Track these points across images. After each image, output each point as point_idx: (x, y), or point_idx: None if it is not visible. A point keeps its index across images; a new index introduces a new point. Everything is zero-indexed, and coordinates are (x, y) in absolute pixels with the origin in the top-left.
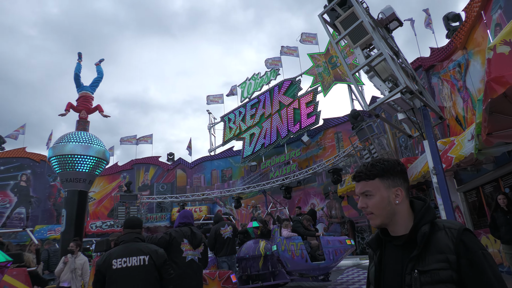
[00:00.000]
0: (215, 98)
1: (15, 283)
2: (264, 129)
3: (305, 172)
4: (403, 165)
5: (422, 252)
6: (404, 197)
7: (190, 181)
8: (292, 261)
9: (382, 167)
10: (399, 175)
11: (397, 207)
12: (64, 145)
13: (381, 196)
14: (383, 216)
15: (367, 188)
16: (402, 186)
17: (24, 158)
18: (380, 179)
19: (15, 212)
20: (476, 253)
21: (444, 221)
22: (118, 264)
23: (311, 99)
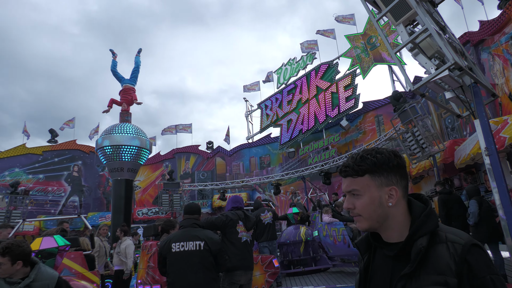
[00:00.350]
0: (252, 86)
1: (73, 265)
2: (302, 115)
3: (345, 157)
4: (400, 158)
5: (417, 269)
6: (399, 198)
7: (230, 168)
8: (334, 246)
9: (373, 161)
10: (394, 171)
11: (390, 210)
12: (109, 137)
13: (370, 197)
14: (373, 219)
15: (354, 187)
16: (398, 185)
17: (75, 150)
18: (370, 176)
19: (70, 201)
20: (484, 279)
21: (448, 231)
22: (176, 248)
23: (349, 82)
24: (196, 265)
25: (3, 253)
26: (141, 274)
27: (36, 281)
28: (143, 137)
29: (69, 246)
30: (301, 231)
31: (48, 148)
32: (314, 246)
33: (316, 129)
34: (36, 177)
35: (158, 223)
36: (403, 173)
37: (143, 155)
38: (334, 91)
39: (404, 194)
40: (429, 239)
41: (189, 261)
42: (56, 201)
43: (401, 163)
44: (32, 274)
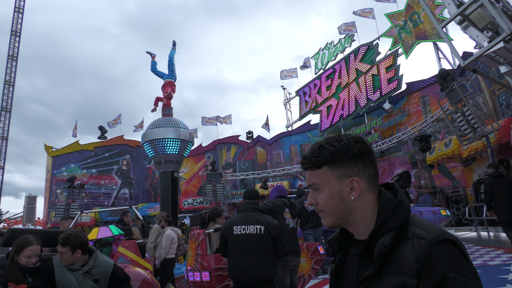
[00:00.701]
0: (289, 72)
1: (127, 253)
2: (342, 100)
3: (389, 142)
4: (363, 144)
5: (379, 270)
6: (364, 190)
7: (270, 157)
8: None
9: (330, 150)
10: (355, 160)
11: (354, 204)
12: (153, 131)
13: (330, 190)
14: (335, 215)
15: (314, 180)
16: (361, 175)
17: (123, 145)
18: (328, 168)
19: (121, 193)
20: (445, 277)
21: (420, 225)
22: (238, 230)
23: (391, 63)
24: (256, 248)
25: (63, 243)
26: (190, 261)
27: (95, 268)
28: (186, 130)
29: (123, 235)
30: None
31: (98, 144)
32: None
33: (357, 114)
34: (90, 172)
35: (205, 212)
36: (367, 161)
37: (187, 147)
38: (375, 73)
39: (370, 185)
40: (396, 236)
41: (250, 244)
42: (108, 194)
43: (363, 149)
44: (90, 261)
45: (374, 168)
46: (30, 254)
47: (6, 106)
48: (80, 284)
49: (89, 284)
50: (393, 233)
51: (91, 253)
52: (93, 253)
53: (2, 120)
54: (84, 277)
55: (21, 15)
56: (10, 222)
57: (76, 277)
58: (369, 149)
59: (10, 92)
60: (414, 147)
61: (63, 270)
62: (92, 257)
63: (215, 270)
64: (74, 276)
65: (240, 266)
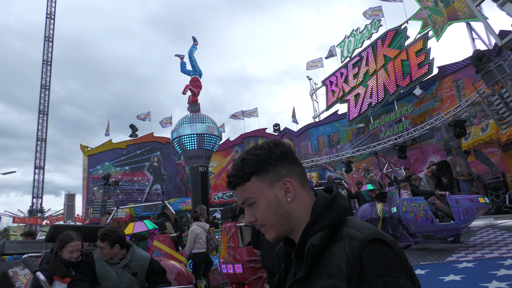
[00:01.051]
0: (314, 62)
1: (162, 247)
2: (370, 88)
3: (421, 129)
4: (283, 145)
5: (310, 273)
6: (298, 189)
7: (298, 149)
8: (416, 222)
9: (254, 159)
10: (281, 161)
11: (291, 206)
12: (182, 127)
13: (266, 199)
14: (276, 224)
15: (246, 195)
16: (291, 175)
17: (154, 142)
18: (257, 177)
19: (153, 189)
20: (373, 282)
21: (354, 225)
22: None
23: (421, 47)
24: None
25: (103, 239)
26: (223, 254)
27: (132, 261)
28: (213, 125)
29: (157, 230)
30: (378, 208)
31: (130, 142)
32: (393, 223)
33: (386, 101)
34: (123, 169)
35: (235, 205)
36: (292, 160)
37: (215, 142)
38: (404, 58)
39: (302, 183)
40: (329, 236)
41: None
42: (141, 190)
43: (285, 150)
44: (128, 255)
45: (300, 167)
46: (72, 250)
47: (44, 109)
48: (119, 277)
49: (128, 277)
50: (323, 232)
51: (129, 247)
52: (130, 247)
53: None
54: (123, 270)
55: (52, 21)
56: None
57: (116, 270)
58: (291, 149)
59: (46, 96)
60: (448, 133)
61: (103, 264)
62: (130, 251)
63: (247, 262)
64: (113, 269)
65: (272, 258)
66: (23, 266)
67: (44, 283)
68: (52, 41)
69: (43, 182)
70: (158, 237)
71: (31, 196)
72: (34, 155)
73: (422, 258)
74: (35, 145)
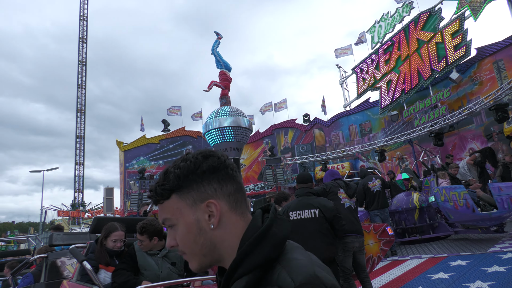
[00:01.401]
0: (343, 50)
1: None
2: (403, 73)
3: (459, 114)
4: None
5: None
6: (226, 212)
7: (329, 139)
8: (456, 212)
9: (176, 173)
10: (207, 178)
11: (216, 233)
12: (214, 120)
13: (185, 223)
14: (198, 254)
15: (165, 215)
16: (218, 195)
17: (185, 136)
18: (178, 195)
19: None
20: None
21: (288, 266)
22: (294, 216)
23: (457, 28)
24: (313, 232)
25: (141, 232)
26: None
27: (171, 252)
28: (244, 118)
29: None
30: (414, 198)
31: (163, 136)
32: (430, 212)
33: (420, 87)
34: (157, 163)
35: (269, 195)
36: (224, 176)
37: (246, 134)
38: (439, 41)
39: (232, 205)
40: (256, 281)
41: (306, 228)
42: None
43: (215, 164)
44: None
45: (235, 184)
46: (116, 239)
47: (81, 108)
48: (159, 266)
49: (168, 267)
50: (249, 277)
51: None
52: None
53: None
54: (162, 260)
55: (85, 22)
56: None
57: (156, 260)
58: (225, 163)
59: (82, 95)
60: (489, 118)
61: (144, 255)
62: None
63: None
64: (153, 260)
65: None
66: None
67: (91, 271)
68: (86, 42)
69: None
70: None
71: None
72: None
73: (463, 249)
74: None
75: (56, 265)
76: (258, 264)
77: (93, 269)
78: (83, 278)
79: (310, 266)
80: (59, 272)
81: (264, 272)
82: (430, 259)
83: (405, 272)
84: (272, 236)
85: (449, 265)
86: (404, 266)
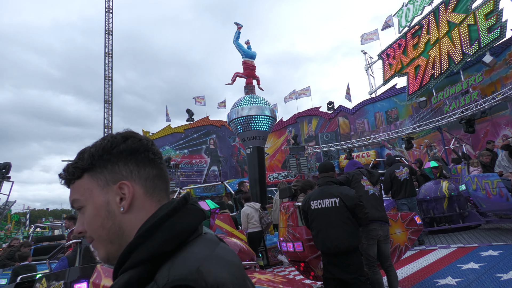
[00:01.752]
0: (369, 35)
1: (223, 225)
2: (432, 58)
3: (492, 99)
4: (135, 139)
5: None
6: (140, 196)
7: (354, 127)
8: (488, 200)
9: (90, 152)
10: (124, 159)
11: (126, 217)
12: (238, 109)
13: (94, 204)
14: (105, 240)
15: (74, 196)
16: (134, 177)
17: (209, 125)
18: (90, 175)
19: (211, 170)
20: None
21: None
22: (314, 205)
23: (491, 9)
24: (334, 221)
25: None
26: (282, 232)
27: None
28: (268, 106)
29: (218, 209)
30: (443, 186)
31: (187, 126)
32: (460, 201)
33: (451, 72)
34: (182, 152)
35: (294, 184)
36: (144, 159)
37: (270, 123)
38: (471, 23)
39: (149, 190)
40: (139, 277)
41: (327, 217)
42: (200, 172)
43: (135, 146)
44: None
45: (156, 170)
46: None
47: (108, 99)
48: None
49: None
50: (133, 271)
51: None
52: None
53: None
54: None
55: (111, 14)
56: None
57: None
58: (146, 146)
59: (109, 86)
60: None
61: None
62: None
63: (307, 241)
64: None
65: (321, 239)
66: None
67: None
68: (111, 34)
69: None
70: (219, 216)
71: None
72: None
73: (495, 239)
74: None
75: (90, 250)
76: (143, 258)
77: None
78: None
79: (198, 260)
80: (92, 257)
81: (154, 266)
82: (459, 249)
83: (433, 262)
84: (168, 227)
85: (480, 255)
86: (432, 256)
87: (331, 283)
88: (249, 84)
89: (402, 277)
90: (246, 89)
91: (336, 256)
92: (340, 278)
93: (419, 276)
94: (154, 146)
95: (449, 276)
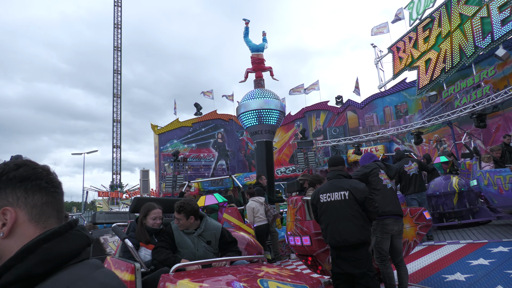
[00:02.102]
0: (379, 28)
1: (231, 219)
2: (443, 51)
3: (504, 94)
4: (27, 167)
5: None
6: (23, 223)
7: (362, 121)
8: (500, 196)
9: None
10: (12, 186)
11: (5, 243)
12: (248, 102)
13: None
14: None
15: None
16: (21, 204)
17: (217, 119)
18: None
19: (218, 164)
20: None
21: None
22: (324, 198)
23: (506, 1)
24: (343, 214)
25: (179, 210)
26: (290, 226)
27: (206, 231)
28: (277, 100)
29: (226, 203)
30: (453, 181)
31: (195, 120)
32: (470, 197)
33: (462, 65)
34: (190, 146)
35: (301, 178)
36: (34, 187)
37: (279, 117)
38: (484, 15)
39: (34, 217)
40: None
41: (336, 210)
42: (208, 165)
43: (26, 173)
44: (202, 225)
45: (47, 197)
46: (155, 216)
47: (117, 92)
48: (195, 245)
49: (203, 246)
50: None
51: (202, 218)
52: (203, 218)
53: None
54: (198, 239)
55: (120, 8)
56: (131, 193)
57: (192, 239)
58: (40, 174)
59: (118, 80)
60: None
61: (181, 234)
62: (203, 221)
63: (315, 235)
64: (190, 238)
65: (330, 232)
66: (112, 234)
67: (132, 249)
68: (120, 27)
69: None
70: (227, 209)
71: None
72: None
73: (505, 235)
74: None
75: (100, 242)
76: (11, 280)
77: (134, 247)
78: (125, 255)
79: (69, 281)
80: (102, 248)
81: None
82: (469, 245)
83: (442, 257)
84: (44, 251)
85: (490, 251)
86: (441, 251)
87: (340, 278)
88: (258, 78)
89: (411, 272)
90: (255, 83)
91: (344, 250)
92: (349, 272)
93: (428, 272)
94: (51, 175)
95: (458, 272)
